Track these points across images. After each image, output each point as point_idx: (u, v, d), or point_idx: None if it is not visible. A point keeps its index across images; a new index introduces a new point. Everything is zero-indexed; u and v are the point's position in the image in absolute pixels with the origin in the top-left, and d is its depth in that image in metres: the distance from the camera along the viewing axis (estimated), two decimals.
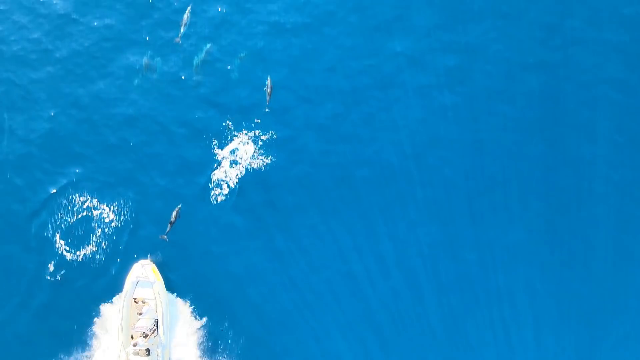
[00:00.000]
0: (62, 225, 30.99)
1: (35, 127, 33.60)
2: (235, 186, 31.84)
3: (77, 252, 30.41)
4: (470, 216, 31.40)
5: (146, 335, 27.72)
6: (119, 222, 31.13)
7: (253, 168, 32.22)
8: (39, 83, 34.83)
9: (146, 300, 28.92)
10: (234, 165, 32.29)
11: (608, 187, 31.62)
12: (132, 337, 28.23)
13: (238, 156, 32.46)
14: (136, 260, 29.84)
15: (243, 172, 32.10)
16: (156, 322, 28.39)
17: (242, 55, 34.95)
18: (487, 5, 35.90)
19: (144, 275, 29.02)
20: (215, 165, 32.34)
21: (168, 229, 30.42)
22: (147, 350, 27.50)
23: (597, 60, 34.12)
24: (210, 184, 31.96)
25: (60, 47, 35.71)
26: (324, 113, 33.82)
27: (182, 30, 35.20)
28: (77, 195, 31.65)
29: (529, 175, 32.07)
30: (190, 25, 35.52)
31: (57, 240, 30.61)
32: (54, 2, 37.01)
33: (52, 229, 30.90)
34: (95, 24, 36.19)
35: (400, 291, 30.31)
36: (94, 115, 34.00)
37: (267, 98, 33.04)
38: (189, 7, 35.29)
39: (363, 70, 34.69)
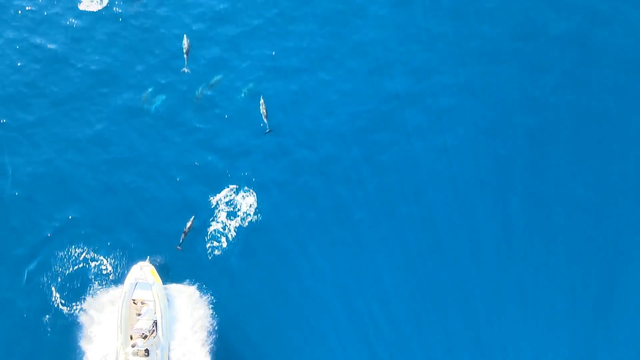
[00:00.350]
0: (59, 278, 30.63)
1: (33, 171, 33.46)
2: (234, 231, 31.62)
3: (74, 305, 30.01)
4: (471, 254, 31.37)
5: (145, 336, 27.61)
6: (116, 274, 30.81)
7: (251, 213, 32.02)
8: (37, 127, 34.75)
9: (145, 302, 28.89)
10: (231, 215, 32.07)
11: (603, 228, 31.67)
12: (131, 338, 28.08)
13: (236, 201, 32.28)
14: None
15: (242, 218, 31.89)
16: (155, 323, 28.35)
17: (241, 96, 35.02)
18: (484, 48, 36.34)
19: (143, 277, 29.09)
20: (214, 210, 32.14)
21: (182, 239, 30.78)
22: (147, 350, 27.41)
23: (592, 101, 34.44)
24: (209, 229, 31.71)
25: (56, 91, 35.72)
26: (324, 156, 33.83)
27: (186, 59, 35.34)
28: (73, 246, 31.34)
29: (528, 213, 32.12)
30: (190, 73, 35.75)
31: (54, 293, 30.22)
32: (49, 46, 37.10)
33: (49, 279, 30.54)
34: (93, 68, 36.27)
35: (402, 329, 30.18)
36: (91, 159, 33.87)
37: (265, 119, 33.33)
38: (185, 36, 35.35)
39: (362, 113, 34.84)
